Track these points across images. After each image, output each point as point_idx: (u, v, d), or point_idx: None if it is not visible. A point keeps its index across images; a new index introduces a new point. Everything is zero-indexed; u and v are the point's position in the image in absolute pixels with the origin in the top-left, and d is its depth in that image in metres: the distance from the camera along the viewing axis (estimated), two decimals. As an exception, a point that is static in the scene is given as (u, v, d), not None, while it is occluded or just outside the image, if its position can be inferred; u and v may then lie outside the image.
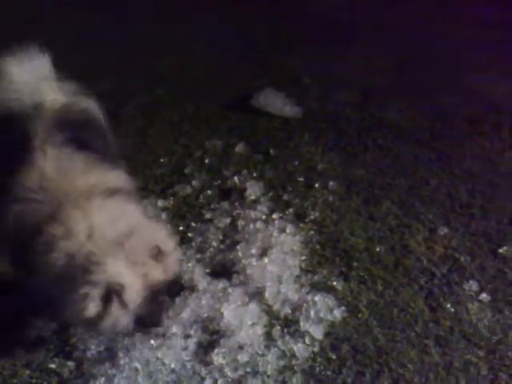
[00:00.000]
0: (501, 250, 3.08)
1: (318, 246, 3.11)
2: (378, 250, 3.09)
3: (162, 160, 3.73)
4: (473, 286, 2.87)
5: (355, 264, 3.00)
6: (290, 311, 2.72)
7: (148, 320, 2.21)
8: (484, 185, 3.58)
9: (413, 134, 4.08)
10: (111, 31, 5.47)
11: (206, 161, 3.75)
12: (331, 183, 3.56)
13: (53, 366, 2.44)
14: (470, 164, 3.78)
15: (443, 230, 3.21)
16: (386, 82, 4.73)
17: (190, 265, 2.90)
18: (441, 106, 4.44)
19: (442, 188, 3.55)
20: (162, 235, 2.21)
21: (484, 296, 2.81)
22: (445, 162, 3.79)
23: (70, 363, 2.45)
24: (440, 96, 4.54)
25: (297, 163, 3.75)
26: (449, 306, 2.77)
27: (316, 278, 2.91)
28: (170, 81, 4.68)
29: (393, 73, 4.91)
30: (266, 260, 2.93)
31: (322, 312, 2.71)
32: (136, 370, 2.41)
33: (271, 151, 3.85)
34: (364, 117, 4.29)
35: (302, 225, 3.24)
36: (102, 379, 2.37)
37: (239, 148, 3.87)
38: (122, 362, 2.43)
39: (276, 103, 4.25)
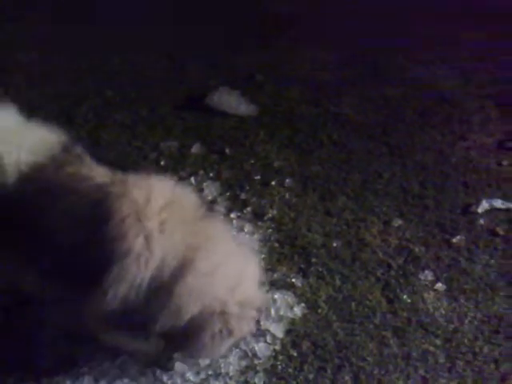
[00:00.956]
0: (454, 240, 3.17)
1: (276, 244, 3.13)
2: (335, 245, 3.13)
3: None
4: (428, 275, 2.94)
5: (313, 260, 3.03)
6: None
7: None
8: (436, 176, 3.67)
9: (366, 129, 4.15)
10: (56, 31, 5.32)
11: (162, 163, 3.70)
12: (288, 180, 3.58)
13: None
14: (421, 156, 3.87)
15: (397, 222, 3.28)
16: (338, 78, 4.79)
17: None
18: (392, 99, 4.52)
19: (395, 181, 3.63)
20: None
21: (439, 285, 2.89)
22: (397, 155, 3.87)
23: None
24: (390, 90, 4.62)
25: (253, 161, 3.75)
26: (405, 296, 2.83)
27: (275, 275, 2.93)
28: (120, 82, 4.60)
29: (344, 68, 4.97)
30: (224, 260, 2.92)
31: (282, 310, 2.73)
32: (96, 379, 2.36)
33: (227, 150, 3.84)
34: (319, 113, 4.32)
35: (260, 223, 3.25)
36: (61, 391, 2.31)
37: (195, 148, 3.84)
38: (80, 371, 2.39)
39: (231, 102, 4.24)
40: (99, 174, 2.10)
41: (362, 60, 5.11)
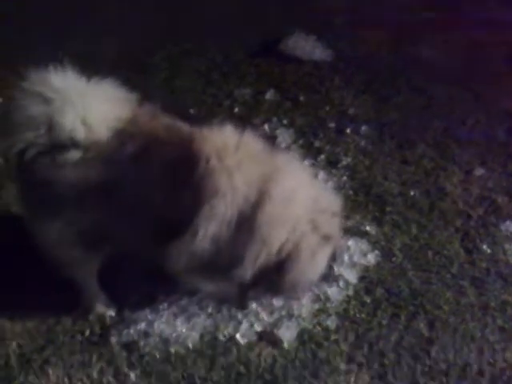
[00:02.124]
0: (539, 190, 3.00)
1: (350, 192, 3.09)
2: (412, 193, 3.05)
3: (191, 111, 3.71)
4: (510, 226, 2.82)
5: (389, 209, 2.97)
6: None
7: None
8: (523, 123, 3.46)
9: (448, 74, 3.93)
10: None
11: (236, 110, 3.71)
12: (363, 128, 3.49)
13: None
14: (507, 102, 3.64)
15: (479, 171, 3.14)
16: (419, 20, 4.54)
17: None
18: (478, 42, 4.24)
19: (479, 128, 3.45)
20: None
21: (522, 236, 2.76)
22: (481, 102, 3.66)
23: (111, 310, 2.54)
24: (477, 32, 4.33)
25: (328, 109, 3.68)
26: (485, 247, 2.73)
27: (349, 223, 2.90)
28: (196, 31, 4.59)
29: (425, 9, 4.69)
30: (298, 207, 2.93)
31: (356, 256, 2.72)
32: (174, 314, 2.48)
33: (301, 97, 3.78)
34: (397, 57, 4.14)
35: (334, 171, 3.22)
36: (143, 324, 2.45)
37: (269, 95, 3.81)
38: (160, 307, 2.51)
39: (306, 47, 4.14)
40: (180, 123, 2.18)
41: (445, 2, 4.80)
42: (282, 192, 2.09)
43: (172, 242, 2.11)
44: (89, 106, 2.08)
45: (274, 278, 2.22)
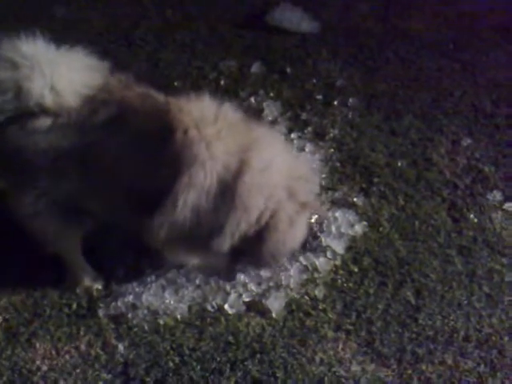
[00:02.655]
0: (526, 159, 3.01)
1: (337, 164, 3.08)
2: (399, 164, 3.04)
3: (175, 83, 3.66)
4: (497, 195, 2.83)
5: (376, 180, 2.97)
6: (311, 228, 2.73)
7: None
8: (509, 94, 3.45)
9: (436, 45, 3.90)
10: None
11: (222, 82, 3.66)
12: (351, 100, 3.46)
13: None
14: (494, 73, 3.62)
15: (466, 141, 3.13)
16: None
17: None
18: (467, 14, 4.20)
19: (466, 99, 3.44)
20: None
21: (509, 205, 2.78)
22: (469, 72, 3.64)
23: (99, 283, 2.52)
24: (466, 3, 4.29)
25: (315, 81, 3.64)
26: (472, 216, 2.75)
27: (336, 195, 2.90)
28: (180, 1, 4.50)
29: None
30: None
31: (343, 227, 2.71)
32: (162, 287, 2.47)
33: (288, 70, 3.73)
34: (386, 29, 4.09)
35: (321, 143, 3.19)
36: (130, 297, 2.44)
37: (255, 68, 3.76)
38: (148, 280, 2.50)
39: (292, 19, 4.07)
40: (155, 93, 2.17)
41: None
42: (261, 161, 2.09)
43: (151, 213, 2.09)
44: (58, 73, 2.06)
45: (255, 247, 2.22)
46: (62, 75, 2.07)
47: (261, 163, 2.09)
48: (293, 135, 3.23)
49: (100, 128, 2.06)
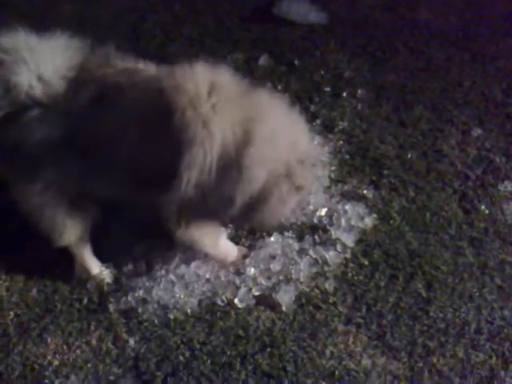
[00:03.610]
0: (538, 149, 2.97)
1: (347, 156, 3.06)
2: (409, 156, 3.02)
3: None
4: (508, 186, 2.80)
5: (386, 172, 2.94)
6: (320, 221, 2.72)
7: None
8: (521, 83, 3.41)
9: (445, 35, 3.85)
10: None
11: (230, 76, 3.64)
12: (360, 91, 3.43)
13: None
14: (504, 62, 3.57)
15: (477, 132, 3.10)
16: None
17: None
18: (475, 3, 4.15)
19: (476, 88, 3.39)
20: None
21: (520, 196, 2.75)
22: (479, 62, 3.60)
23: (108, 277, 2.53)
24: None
25: (323, 72, 3.61)
26: (483, 207, 2.72)
27: (346, 187, 2.88)
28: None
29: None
30: (294, 171, 2.90)
31: (353, 220, 2.70)
32: (172, 282, 2.47)
33: (296, 62, 3.71)
34: (394, 19, 4.05)
35: (330, 135, 3.17)
36: (141, 291, 2.45)
37: (262, 60, 3.74)
38: (158, 274, 2.50)
39: (300, 10, 4.03)
40: (147, 68, 2.16)
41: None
42: (265, 133, 2.06)
43: (158, 193, 2.10)
44: (41, 62, 2.06)
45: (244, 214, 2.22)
46: (47, 62, 2.07)
47: (265, 135, 2.06)
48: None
49: (86, 110, 2.05)
